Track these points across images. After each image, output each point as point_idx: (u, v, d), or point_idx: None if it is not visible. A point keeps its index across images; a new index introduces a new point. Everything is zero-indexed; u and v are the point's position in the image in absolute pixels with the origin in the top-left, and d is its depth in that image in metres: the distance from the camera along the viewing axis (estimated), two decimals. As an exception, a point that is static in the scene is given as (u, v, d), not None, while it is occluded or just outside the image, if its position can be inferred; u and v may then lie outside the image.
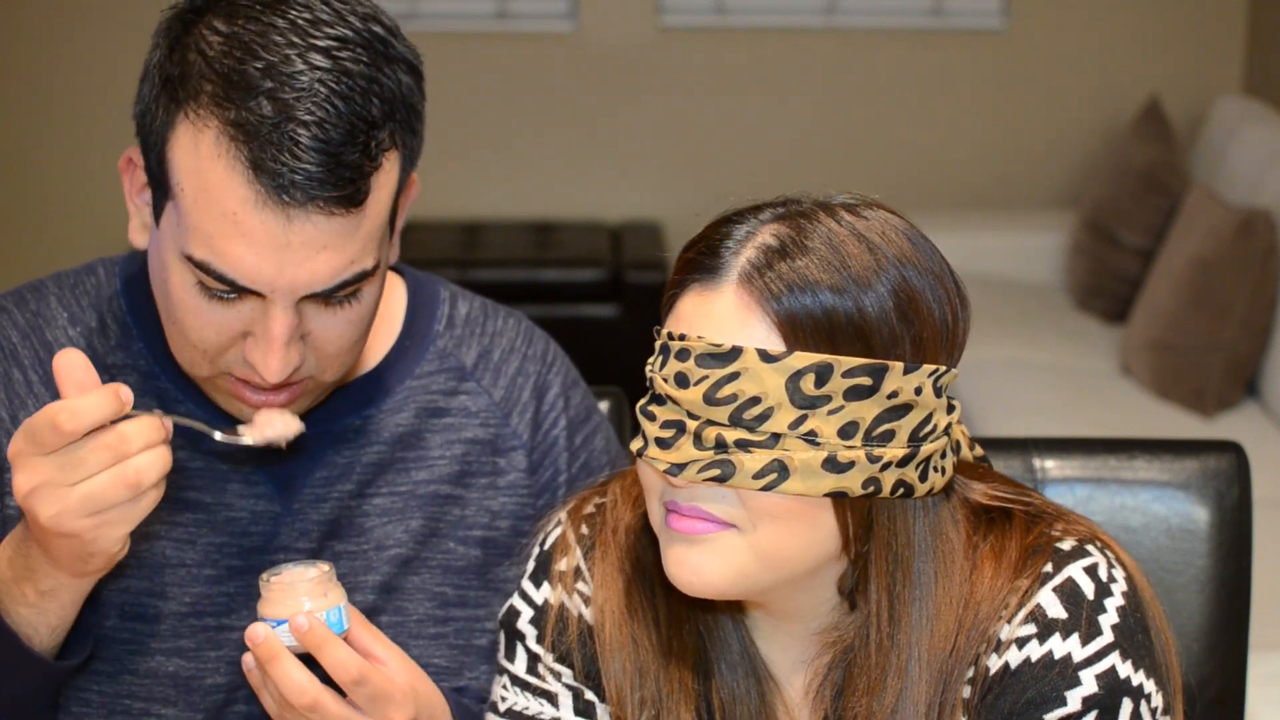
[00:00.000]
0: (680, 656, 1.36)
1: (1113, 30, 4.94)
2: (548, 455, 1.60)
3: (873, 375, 1.22)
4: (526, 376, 1.60)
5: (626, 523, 1.40)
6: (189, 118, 1.32)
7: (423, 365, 1.57)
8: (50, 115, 4.92)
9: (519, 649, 1.43)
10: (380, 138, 1.34)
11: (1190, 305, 3.74)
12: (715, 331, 1.23)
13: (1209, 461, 1.68)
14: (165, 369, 1.50)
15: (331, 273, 1.34)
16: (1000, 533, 1.31)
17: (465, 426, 1.57)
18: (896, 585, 1.27)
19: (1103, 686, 1.25)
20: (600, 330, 4.59)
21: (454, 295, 1.62)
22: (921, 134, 4.98)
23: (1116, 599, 1.28)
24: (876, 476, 1.23)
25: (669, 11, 4.97)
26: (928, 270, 1.25)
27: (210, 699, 1.49)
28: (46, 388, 1.48)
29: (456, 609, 1.55)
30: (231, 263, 1.32)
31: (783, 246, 1.23)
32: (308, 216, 1.31)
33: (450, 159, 4.98)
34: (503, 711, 1.43)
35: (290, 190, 1.30)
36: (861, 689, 1.29)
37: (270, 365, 1.36)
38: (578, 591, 1.40)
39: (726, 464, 1.22)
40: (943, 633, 1.28)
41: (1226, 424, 3.67)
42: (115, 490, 1.26)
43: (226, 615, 1.50)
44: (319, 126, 1.30)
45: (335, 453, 1.52)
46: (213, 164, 1.31)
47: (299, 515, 1.51)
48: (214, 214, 1.32)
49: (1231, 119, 4.36)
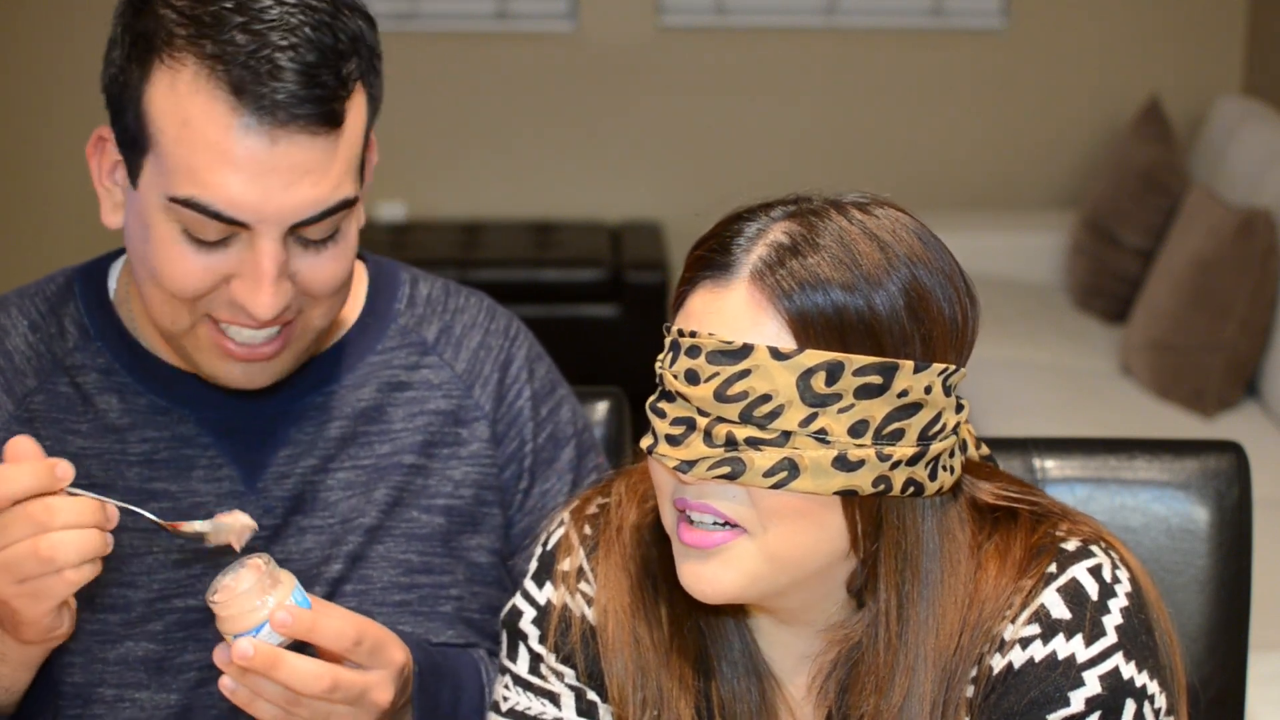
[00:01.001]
0: (682, 655, 1.36)
1: (1113, 30, 4.94)
2: (512, 426, 1.62)
3: (883, 374, 1.22)
4: (489, 350, 1.62)
5: (631, 522, 1.40)
6: (164, 63, 1.36)
7: (384, 342, 1.59)
8: (50, 115, 4.92)
9: (521, 649, 1.43)
10: (349, 67, 1.39)
11: (1190, 305, 3.74)
12: (726, 329, 1.23)
13: (1209, 461, 1.68)
14: (124, 364, 1.52)
15: (316, 198, 1.37)
16: (1006, 532, 1.31)
17: (428, 399, 1.59)
18: (905, 584, 1.27)
19: (1106, 687, 1.25)
20: (600, 330, 4.59)
21: (415, 278, 1.65)
22: (921, 134, 4.98)
23: (1120, 600, 1.28)
24: (886, 475, 1.23)
25: (669, 11, 4.97)
26: (938, 269, 1.25)
27: (183, 678, 1.50)
28: (8, 395, 1.51)
29: (421, 575, 1.57)
30: (219, 193, 1.35)
31: (794, 244, 1.23)
32: (291, 138, 1.35)
33: (450, 159, 4.98)
34: (504, 711, 1.43)
35: (274, 111, 1.34)
36: (869, 688, 1.29)
37: (261, 301, 1.38)
38: (580, 592, 1.40)
39: (737, 461, 1.22)
40: (948, 632, 1.28)
41: (1226, 424, 3.67)
42: (28, 562, 1.27)
43: (194, 595, 1.51)
44: (294, 50, 1.35)
45: (298, 429, 1.54)
46: (192, 98, 1.35)
47: (263, 494, 1.52)
48: (198, 147, 1.35)
49: (1231, 119, 4.36)
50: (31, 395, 1.51)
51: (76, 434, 1.50)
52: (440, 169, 5.00)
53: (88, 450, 1.50)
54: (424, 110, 4.95)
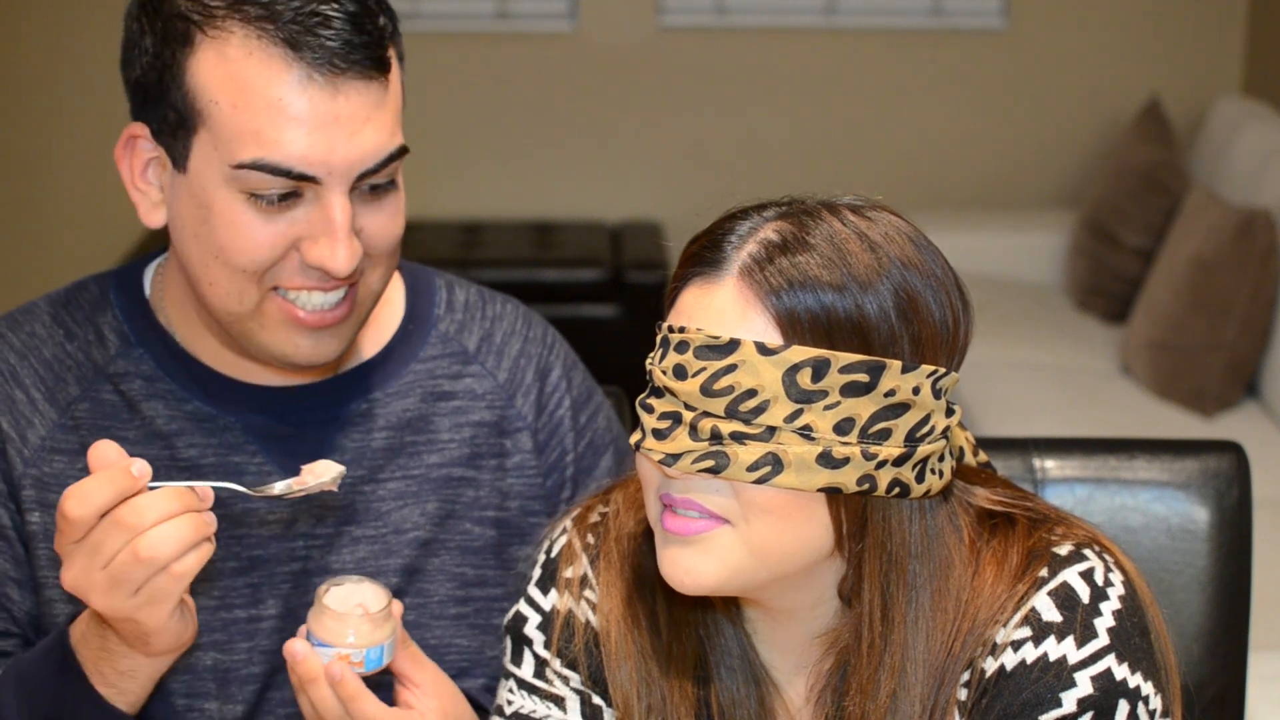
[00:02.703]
0: (681, 661, 1.36)
1: (1113, 30, 4.94)
2: (554, 435, 1.62)
3: (870, 372, 1.22)
4: (529, 359, 1.63)
5: (629, 530, 1.40)
6: (208, 35, 1.37)
7: (426, 349, 1.59)
8: (57, 117, 4.92)
9: (526, 654, 1.43)
10: (384, 20, 1.42)
11: (1190, 305, 3.74)
12: (714, 324, 1.23)
13: (1209, 461, 1.68)
14: (168, 370, 1.51)
15: (377, 146, 1.40)
16: (1004, 537, 1.31)
17: (472, 409, 1.59)
18: (890, 586, 1.27)
19: (1098, 688, 1.25)
20: (600, 330, 4.58)
21: (450, 283, 1.66)
22: (921, 134, 4.98)
23: (1113, 603, 1.28)
24: (872, 474, 1.23)
25: (669, 11, 4.97)
26: (930, 273, 1.25)
27: (248, 689, 1.51)
28: (50, 404, 1.50)
29: (476, 589, 1.57)
30: (287, 150, 1.37)
31: (784, 242, 1.23)
32: (350, 84, 1.38)
33: (450, 159, 4.98)
34: (509, 715, 1.43)
35: (332, 60, 1.36)
36: (854, 688, 1.29)
37: (338, 254, 1.39)
38: (585, 598, 1.41)
39: (721, 455, 1.22)
40: (939, 635, 1.28)
41: (1226, 424, 3.67)
42: (133, 569, 1.27)
43: (254, 606, 1.51)
44: (337, 1, 1.37)
45: (344, 437, 1.54)
46: (245, 62, 1.36)
47: (314, 502, 1.52)
48: (258, 108, 1.36)
49: (1231, 119, 4.36)
50: (76, 403, 1.51)
51: (124, 440, 1.50)
52: (440, 169, 5.00)
53: (136, 456, 1.50)
54: (424, 110, 4.95)
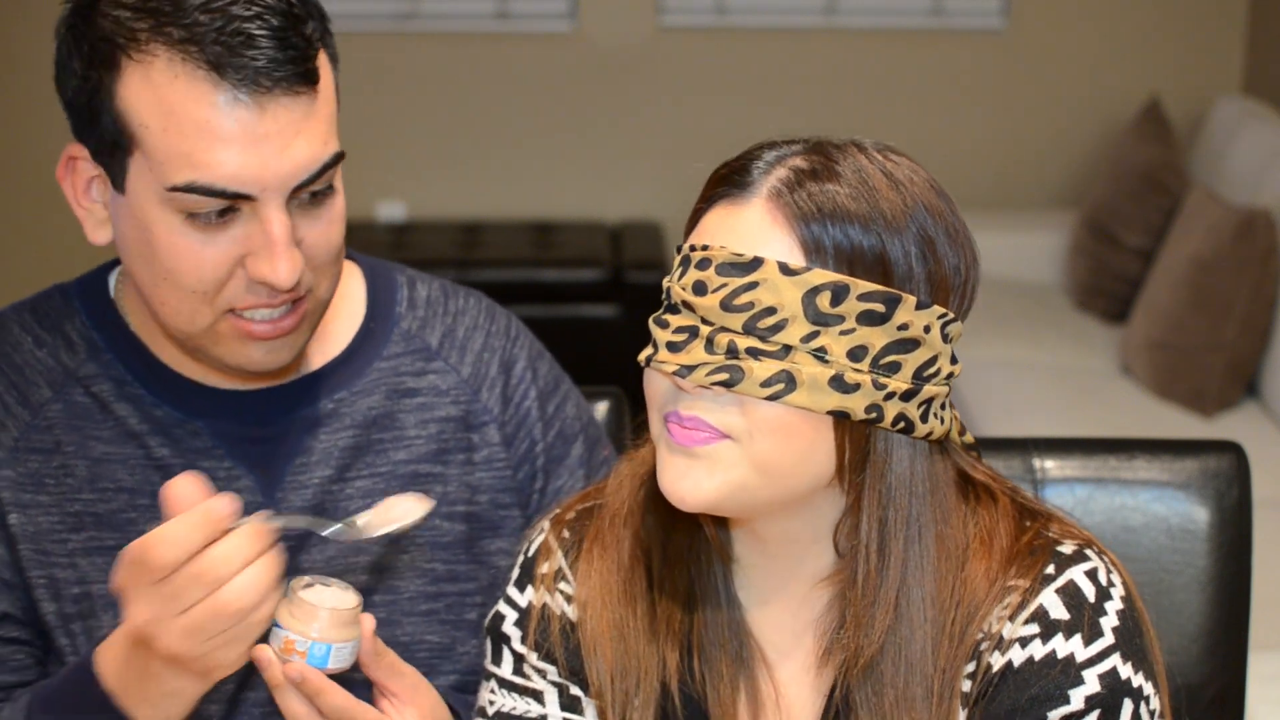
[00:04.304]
0: (668, 634, 1.37)
1: (1113, 30, 4.94)
2: (521, 427, 1.62)
3: (886, 303, 1.24)
4: (492, 352, 1.63)
5: (628, 504, 1.40)
6: (133, 59, 1.36)
7: (389, 347, 1.60)
8: (58, 116, 4.91)
9: (505, 652, 1.44)
10: (311, 28, 1.40)
11: (1190, 305, 3.74)
12: (738, 242, 1.25)
13: (1209, 461, 1.68)
14: (137, 375, 1.52)
15: (310, 158, 1.39)
16: (988, 511, 1.33)
17: (437, 405, 1.59)
18: (888, 520, 1.28)
19: (1105, 686, 1.26)
20: (600, 330, 4.59)
21: (411, 279, 1.65)
22: (921, 134, 4.97)
23: (1116, 603, 1.29)
24: (880, 404, 1.25)
25: (669, 11, 4.97)
26: (948, 220, 1.29)
27: (223, 688, 1.50)
28: (23, 406, 1.50)
29: (447, 584, 1.58)
30: (217, 171, 1.36)
31: (814, 170, 1.26)
32: (277, 102, 1.36)
33: (450, 159, 4.98)
34: (491, 715, 1.44)
35: (258, 79, 1.35)
36: (849, 623, 1.30)
37: (280, 269, 1.39)
38: (560, 590, 1.42)
39: (736, 369, 1.23)
40: (944, 589, 1.29)
41: (1226, 424, 3.67)
42: (214, 622, 1.27)
43: None
44: (260, 19, 1.36)
45: (310, 437, 1.54)
46: (171, 85, 1.35)
47: (282, 504, 1.52)
48: (187, 130, 1.36)
49: (1231, 119, 4.36)
50: (48, 404, 1.51)
51: (99, 440, 1.50)
52: (440, 169, 5.00)
53: (112, 455, 1.50)
54: (424, 110, 4.95)
